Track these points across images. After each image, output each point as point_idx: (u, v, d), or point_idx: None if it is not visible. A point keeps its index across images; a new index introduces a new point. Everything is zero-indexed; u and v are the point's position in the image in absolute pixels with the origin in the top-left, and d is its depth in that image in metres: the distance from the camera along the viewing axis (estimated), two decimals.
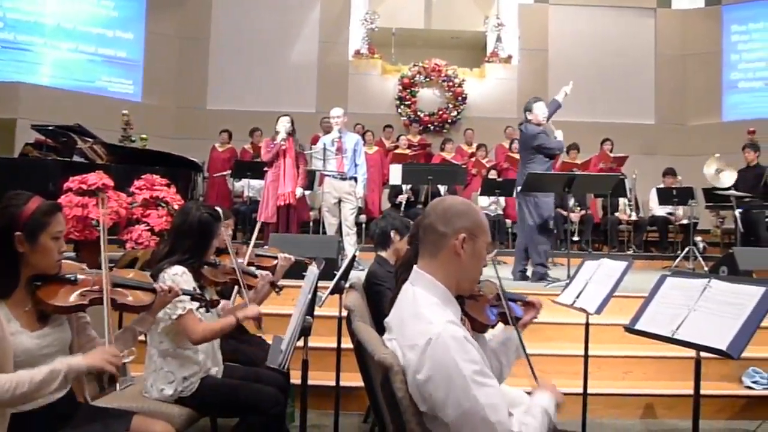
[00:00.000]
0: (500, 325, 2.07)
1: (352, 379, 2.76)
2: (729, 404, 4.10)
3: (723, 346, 2.08)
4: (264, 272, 3.13)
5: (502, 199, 9.09)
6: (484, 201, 9.19)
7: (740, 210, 7.73)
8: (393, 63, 11.84)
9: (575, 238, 8.77)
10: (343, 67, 11.55)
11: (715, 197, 8.27)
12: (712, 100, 11.72)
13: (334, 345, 3.25)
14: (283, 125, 6.54)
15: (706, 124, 11.53)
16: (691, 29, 11.84)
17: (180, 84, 11.50)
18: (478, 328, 1.86)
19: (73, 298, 1.94)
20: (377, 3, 12.08)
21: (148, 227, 4.41)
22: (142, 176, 4.74)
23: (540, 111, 5.94)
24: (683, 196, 8.24)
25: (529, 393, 1.83)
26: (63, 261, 1.98)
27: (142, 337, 2.29)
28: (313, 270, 2.16)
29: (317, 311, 3.45)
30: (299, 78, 11.43)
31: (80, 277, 1.99)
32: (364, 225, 8.41)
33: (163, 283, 2.28)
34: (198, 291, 2.48)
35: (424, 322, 1.50)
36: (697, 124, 11.62)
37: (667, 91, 11.75)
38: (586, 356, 3.31)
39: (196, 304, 2.45)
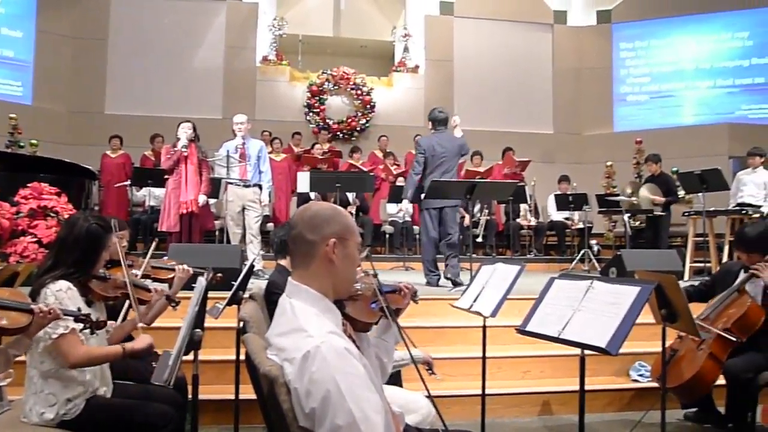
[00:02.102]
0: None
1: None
2: (618, 397, 4.34)
3: (603, 344, 2.21)
4: (159, 286, 3.01)
5: (410, 207, 9.22)
6: (392, 208, 9.30)
7: (630, 215, 8.27)
8: (300, 70, 11.78)
9: (479, 241, 9.06)
10: (250, 72, 11.36)
11: (606, 203, 8.79)
12: (604, 111, 12.47)
13: (234, 357, 3.17)
14: (184, 131, 6.32)
15: (599, 134, 12.25)
16: (584, 45, 12.55)
17: (75, 87, 10.87)
18: (362, 328, 1.86)
19: None
20: (285, 9, 11.98)
21: (35, 239, 4.15)
22: (29, 184, 4.45)
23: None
24: (578, 201, 8.70)
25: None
26: None
27: (23, 357, 2.13)
28: (201, 281, 2.09)
29: (216, 323, 3.39)
30: (204, 83, 11.13)
31: None
32: (271, 233, 8.28)
33: (43, 303, 2.14)
34: (82, 310, 2.33)
35: (303, 335, 1.47)
36: (591, 134, 12.32)
37: (564, 102, 12.39)
38: (483, 358, 3.40)
39: (80, 325, 2.30)
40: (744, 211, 7.15)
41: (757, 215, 7.21)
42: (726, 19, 11.96)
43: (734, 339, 3.38)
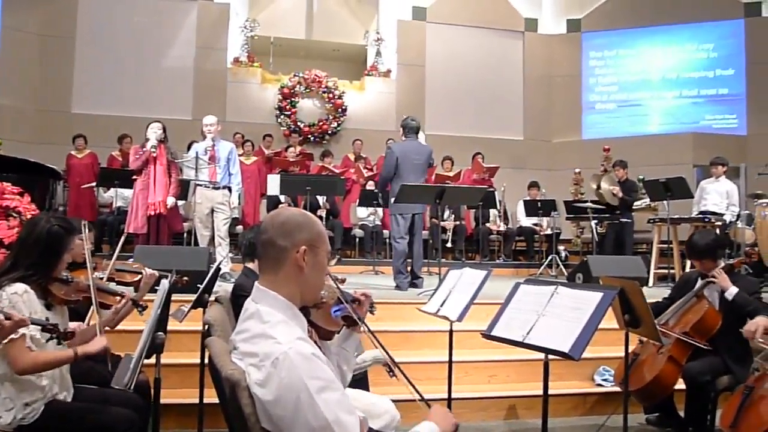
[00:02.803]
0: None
1: None
2: (582, 401, 4.41)
3: (566, 349, 2.24)
4: (124, 289, 2.96)
5: (380, 210, 9.25)
6: (362, 212, 9.31)
7: (597, 221, 8.41)
8: (272, 72, 11.72)
9: (448, 246, 9.12)
10: (221, 74, 11.26)
11: (574, 209, 8.93)
12: (573, 119, 12.67)
13: (199, 360, 3.13)
14: (154, 132, 6.25)
15: (568, 141, 12.44)
16: (555, 53, 12.74)
17: (41, 85, 10.63)
18: (325, 335, 1.87)
19: None
20: (258, 11, 11.91)
21: None
22: None
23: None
24: (547, 207, 8.82)
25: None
26: None
27: None
28: (164, 284, 2.07)
29: (182, 326, 3.35)
30: (174, 83, 10.99)
31: None
32: (239, 236, 8.21)
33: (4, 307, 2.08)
34: (39, 315, 2.28)
35: (271, 341, 1.48)
36: (560, 141, 12.51)
37: (534, 109, 12.54)
38: (450, 362, 3.42)
39: (34, 332, 2.23)
40: (707, 219, 7.33)
41: (720, 223, 7.40)
42: (692, 31, 12.26)
43: (695, 342, 3.46)
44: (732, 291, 3.55)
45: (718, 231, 7.13)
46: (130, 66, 10.85)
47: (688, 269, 6.74)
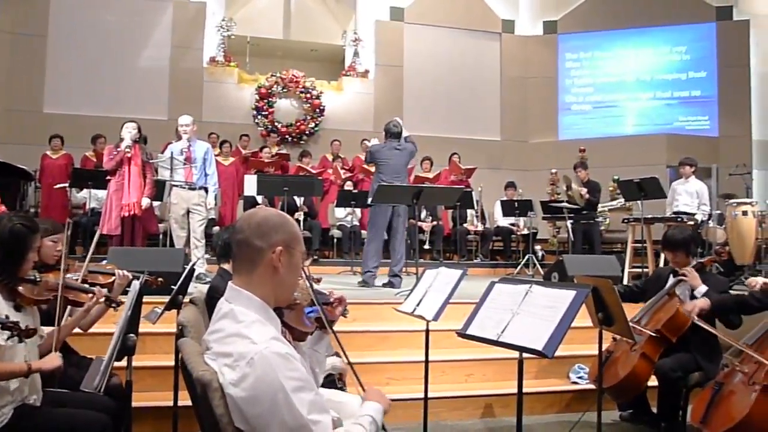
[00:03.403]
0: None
1: None
2: (558, 399, 4.45)
3: (539, 347, 2.25)
4: (97, 289, 2.91)
5: (358, 210, 9.24)
6: (340, 212, 9.30)
7: (571, 222, 8.51)
8: (249, 72, 11.65)
9: (426, 247, 9.15)
10: (197, 73, 11.15)
11: (550, 209, 9.02)
12: (550, 120, 12.79)
13: (173, 363, 3.10)
14: (128, 132, 6.16)
15: (545, 142, 12.55)
16: (531, 54, 12.85)
17: (12, 84, 10.40)
18: (298, 336, 1.87)
19: None
20: (234, 10, 11.83)
21: None
22: None
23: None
24: (523, 208, 8.90)
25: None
26: None
27: None
28: (135, 285, 2.05)
29: (156, 328, 3.32)
30: (150, 83, 10.85)
31: None
32: (214, 236, 8.15)
33: None
34: (9, 317, 2.24)
35: (246, 340, 1.47)
36: (536, 142, 12.61)
37: (512, 110, 12.63)
38: (426, 362, 3.43)
39: (6, 334, 2.19)
40: (680, 219, 7.45)
41: (692, 223, 7.53)
42: (665, 34, 12.46)
43: (664, 339, 3.52)
44: (701, 290, 3.62)
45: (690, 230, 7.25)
46: (105, 65, 10.68)
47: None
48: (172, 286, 2.91)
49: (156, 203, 7.35)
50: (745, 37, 11.93)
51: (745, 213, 6.93)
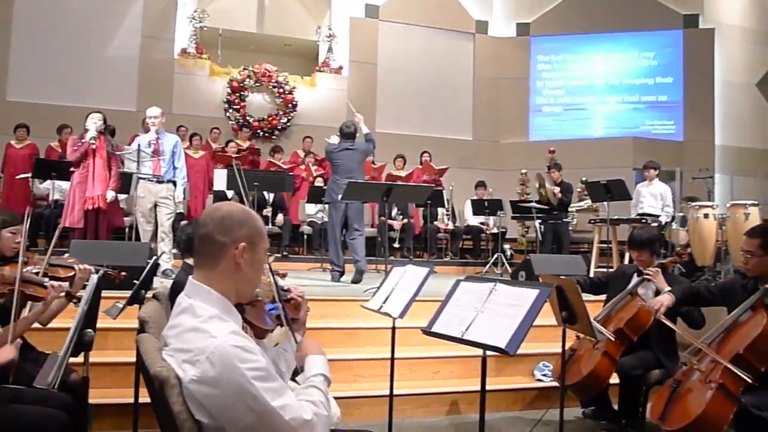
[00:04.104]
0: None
1: None
2: (522, 396, 4.50)
3: (502, 345, 2.27)
4: (57, 283, 2.84)
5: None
6: (311, 208, 9.26)
7: (541, 221, 8.62)
8: (221, 65, 11.51)
9: (396, 245, 9.17)
10: (167, 64, 10.97)
11: (520, 209, 9.11)
12: (521, 121, 12.92)
13: (134, 359, 3.05)
14: (93, 122, 6.03)
15: (516, 143, 12.67)
16: (504, 56, 12.96)
17: None
18: (259, 333, 1.85)
19: None
20: (207, 2, 11.67)
21: None
22: None
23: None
24: (493, 207, 8.97)
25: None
26: None
27: None
28: (93, 279, 2.01)
29: (117, 323, 3.26)
30: (118, 73, 10.63)
31: None
32: (178, 231, 8.04)
33: None
34: None
35: (204, 335, 1.45)
36: (507, 142, 12.73)
37: (484, 110, 12.72)
38: (392, 359, 3.44)
39: None
40: (644, 221, 7.60)
41: (656, 224, 7.69)
42: (634, 39, 12.69)
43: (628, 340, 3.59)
44: (665, 291, 3.69)
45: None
46: (72, 53, 10.42)
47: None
48: (135, 281, 2.86)
49: (122, 196, 7.23)
50: (710, 45, 12.24)
51: (706, 216, 7.09)
